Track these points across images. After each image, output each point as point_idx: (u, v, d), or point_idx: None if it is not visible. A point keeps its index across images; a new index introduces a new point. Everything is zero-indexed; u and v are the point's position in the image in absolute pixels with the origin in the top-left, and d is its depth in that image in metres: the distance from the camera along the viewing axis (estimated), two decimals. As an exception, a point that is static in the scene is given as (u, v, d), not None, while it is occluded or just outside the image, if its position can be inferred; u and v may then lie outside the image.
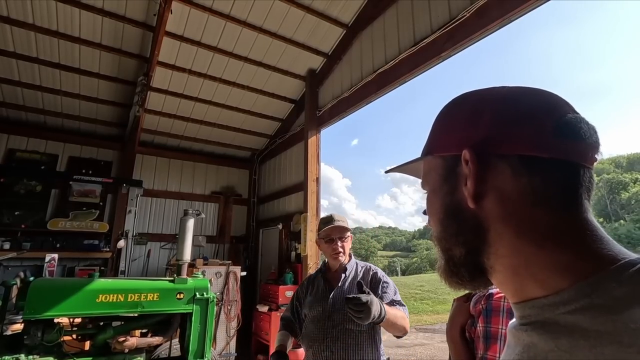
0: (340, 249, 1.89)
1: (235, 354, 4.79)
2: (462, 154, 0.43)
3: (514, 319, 0.45)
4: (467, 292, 1.13)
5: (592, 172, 0.41)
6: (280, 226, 6.11)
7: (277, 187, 6.77)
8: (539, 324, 0.38)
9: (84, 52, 4.84)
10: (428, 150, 0.51)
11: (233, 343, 4.80)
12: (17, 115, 5.67)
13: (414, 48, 3.78)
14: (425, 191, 0.53)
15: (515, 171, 0.41)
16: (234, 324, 4.84)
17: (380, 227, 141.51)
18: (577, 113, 0.42)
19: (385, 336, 1.87)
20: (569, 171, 0.40)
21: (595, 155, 0.41)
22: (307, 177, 5.22)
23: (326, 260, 2.03)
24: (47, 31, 4.44)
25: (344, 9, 4.85)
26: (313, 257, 4.87)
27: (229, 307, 4.81)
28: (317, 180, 5.30)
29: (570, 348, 0.34)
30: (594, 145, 0.41)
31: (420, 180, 0.55)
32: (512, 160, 0.41)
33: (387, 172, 0.63)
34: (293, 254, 5.66)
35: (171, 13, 3.92)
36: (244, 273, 5.20)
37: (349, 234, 1.94)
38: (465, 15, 3.22)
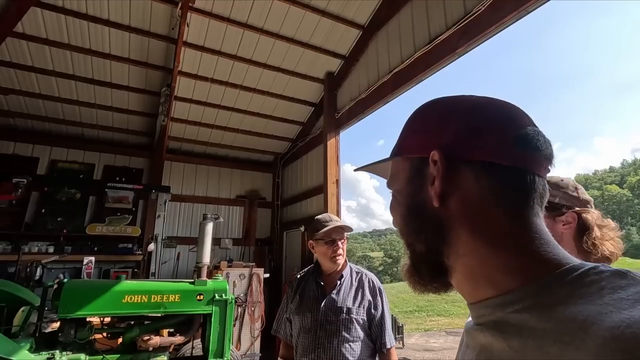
0: (341, 251, 1.78)
1: (260, 355, 4.90)
2: (431, 155, 0.46)
3: (469, 319, 0.47)
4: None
5: (545, 182, 0.45)
6: (302, 228, 6.18)
7: (299, 190, 6.86)
8: (492, 324, 0.40)
9: (115, 67, 5.16)
10: (397, 152, 0.53)
11: (257, 343, 4.91)
12: (58, 129, 6.12)
13: (428, 46, 3.71)
14: (391, 191, 0.55)
15: (477, 175, 0.44)
16: (258, 325, 4.95)
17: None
18: (536, 126, 0.45)
19: (413, 339, 1.79)
20: (525, 178, 0.43)
21: (549, 167, 0.45)
22: (326, 179, 5.25)
23: (317, 262, 1.89)
24: (81, 49, 4.78)
25: (359, 11, 4.85)
26: (334, 259, 4.88)
27: (252, 308, 4.93)
28: (337, 182, 5.31)
29: (521, 347, 0.36)
30: (549, 158, 0.45)
31: (386, 181, 0.57)
32: (475, 165, 0.44)
33: (356, 170, 0.64)
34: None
35: (187, 26, 4.09)
36: (267, 275, 5.31)
37: (346, 235, 1.85)
38: (480, 10, 3.13)
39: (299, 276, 1.93)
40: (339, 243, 1.78)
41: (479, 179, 0.44)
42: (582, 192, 1.08)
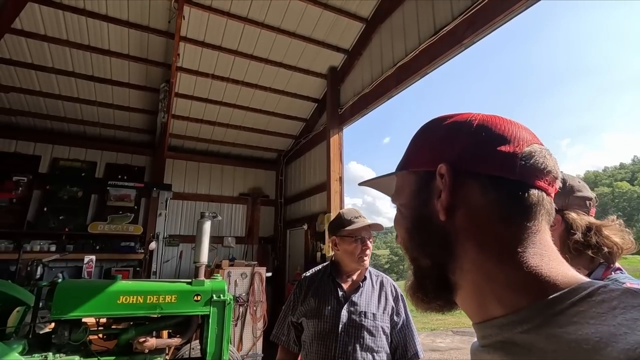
0: (369, 251, 1.62)
1: (262, 355, 4.82)
2: (438, 168, 0.46)
3: (475, 340, 0.47)
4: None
5: (552, 201, 0.45)
6: (305, 226, 6.09)
7: (302, 188, 6.77)
8: (499, 345, 0.40)
9: (114, 63, 5.10)
10: (403, 166, 0.53)
11: (259, 344, 4.84)
12: (60, 127, 6.09)
13: (433, 37, 3.58)
14: (395, 206, 0.55)
15: (484, 189, 0.43)
16: (260, 325, 4.87)
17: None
18: (543, 145, 0.46)
19: (419, 338, 1.64)
20: (532, 194, 0.42)
21: (555, 186, 0.45)
22: (329, 176, 5.15)
23: (334, 260, 1.72)
24: (80, 46, 4.72)
25: (362, 3, 4.73)
26: (337, 258, 4.79)
27: (254, 308, 4.85)
28: (341, 179, 5.21)
29: None
30: (555, 176, 0.45)
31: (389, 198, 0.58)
32: (482, 179, 0.44)
33: (360, 184, 0.65)
34: (318, 254, 5.61)
35: (184, 19, 4.00)
36: (269, 274, 5.22)
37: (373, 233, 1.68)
38: (487, -2, 2.99)
39: (308, 275, 1.74)
40: (368, 242, 1.63)
41: (485, 193, 0.43)
42: (577, 189, 1.01)
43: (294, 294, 1.71)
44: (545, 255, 0.41)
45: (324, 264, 1.79)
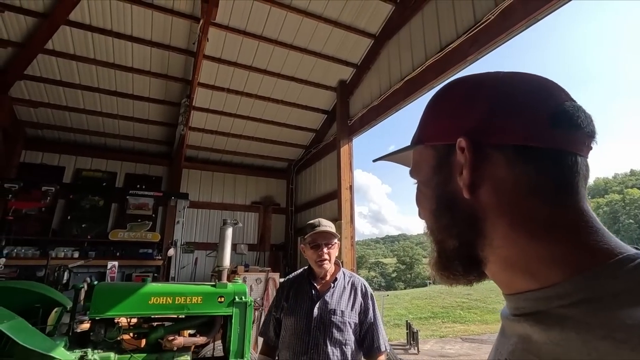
0: (326, 256, 1.79)
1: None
2: (458, 142, 0.42)
3: (504, 307, 0.45)
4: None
5: (588, 161, 0.41)
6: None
7: (312, 196, 6.97)
8: (533, 316, 0.38)
9: (137, 79, 5.40)
10: (419, 139, 0.49)
11: (274, 347, 4.98)
12: (83, 139, 6.41)
13: (440, 54, 3.80)
14: (415, 181, 0.51)
15: (509, 161, 0.40)
16: (274, 329, 5.03)
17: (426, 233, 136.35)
18: (574, 101, 0.41)
19: (428, 346, 1.80)
20: (565, 161, 0.39)
21: (592, 145, 0.41)
22: (340, 185, 5.34)
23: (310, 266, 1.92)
24: (106, 64, 5.03)
25: (371, 20, 4.97)
26: (348, 264, 4.96)
27: (269, 312, 5.02)
28: (351, 188, 5.40)
29: (562, 340, 0.33)
30: (590, 135, 0.40)
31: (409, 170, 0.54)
32: (506, 150, 0.40)
33: (375, 160, 0.62)
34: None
35: (207, 41, 4.27)
36: (283, 279, 5.40)
37: (335, 240, 1.86)
38: (490, 18, 3.21)
39: (291, 277, 1.98)
40: (324, 248, 1.80)
41: (512, 166, 0.40)
42: None
43: (277, 293, 1.95)
44: (584, 227, 0.37)
45: (304, 267, 1.99)
